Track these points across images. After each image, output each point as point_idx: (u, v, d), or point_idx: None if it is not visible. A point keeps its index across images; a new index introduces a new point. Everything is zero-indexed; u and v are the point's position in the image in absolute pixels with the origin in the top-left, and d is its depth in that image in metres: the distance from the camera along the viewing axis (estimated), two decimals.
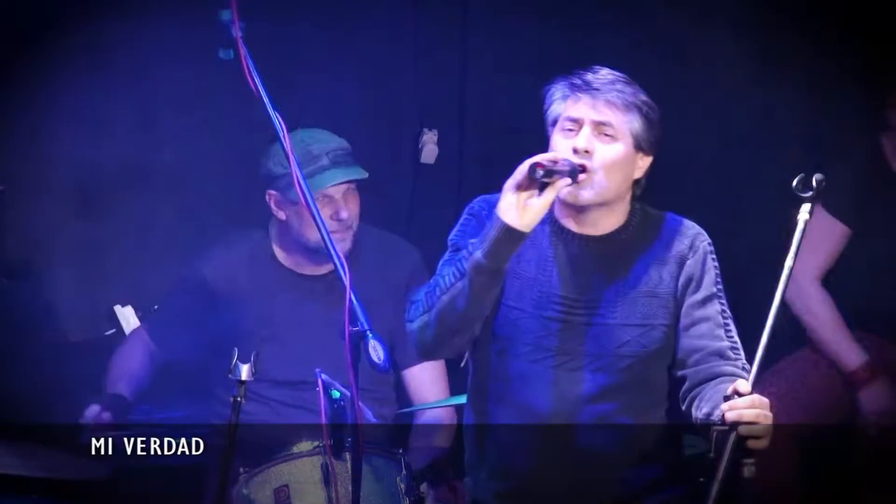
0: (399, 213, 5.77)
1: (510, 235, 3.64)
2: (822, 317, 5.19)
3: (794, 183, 3.68)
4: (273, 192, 4.87)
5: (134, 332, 5.14)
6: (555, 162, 3.68)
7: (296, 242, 4.87)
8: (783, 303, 3.57)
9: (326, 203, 4.80)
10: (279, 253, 4.93)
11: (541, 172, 3.62)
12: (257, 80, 3.59)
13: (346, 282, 3.56)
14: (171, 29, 5.31)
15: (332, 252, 3.65)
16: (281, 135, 3.64)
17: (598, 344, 3.82)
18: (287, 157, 3.67)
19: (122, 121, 5.45)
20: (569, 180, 3.69)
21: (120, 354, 5.01)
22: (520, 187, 3.64)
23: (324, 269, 4.90)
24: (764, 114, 5.73)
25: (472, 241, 3.72)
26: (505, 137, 5.66)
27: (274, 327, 4.85)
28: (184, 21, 5.15)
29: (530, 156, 3.68)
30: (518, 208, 3.64)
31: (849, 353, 5.19)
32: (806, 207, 3.66)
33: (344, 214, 4.80)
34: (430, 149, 5.77)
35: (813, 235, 3.69)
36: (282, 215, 4.88)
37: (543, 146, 3.80)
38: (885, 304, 5.22)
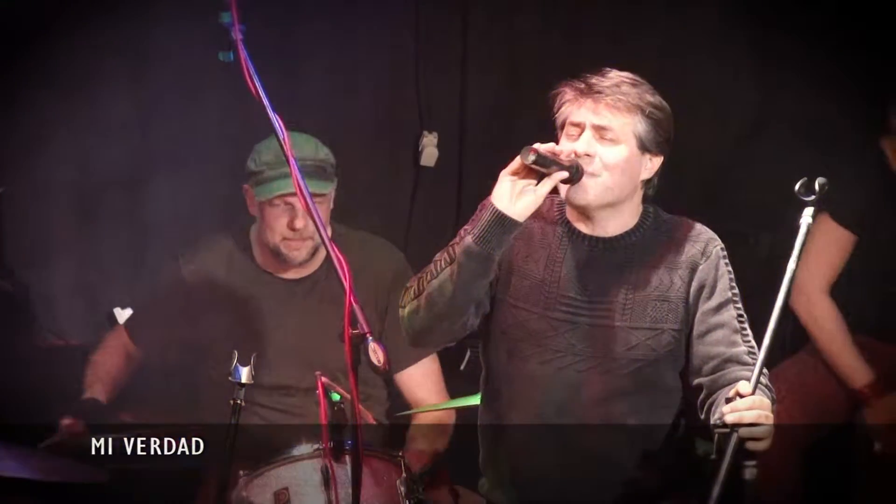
0: (399, 215, 5.77)
1: (502, 222, 3.63)
2: (829, 331, 5.16)
3: (797, 186, 3.66)
4: (247, 186, 4.88)
5: (113, 332, 5.13)
6: (555, 154, 3.67)
7: (265, 245, 4.88)
8: (785, 307, 3.56)
9: (286, 210, 4.79)
10: (258, 255, 4.93)
11: (532, 157, 3.60)
12: (257, 83, 3.58)
13: (346, 285, 3.55)
14: (170, 31, 5.31)
15: (333, 254, 3.64)
16: (281, 137, 3.63)
17: (606, 346, 3.82)
18: (287, 160, 3.65)
19: (122, 124, 5.45)
20: (566, 174, 3.68)
21: (98, 355, 5.00)
22: (516, 174, 3.64)
23: (304, 273, 4.90)
24: (766, 118, 5.73)
25: (466, 226, 3.72)
26: (505, 140, 5.66)
27: (255, 330, 4.85)
28: (183, 23, 5.15)
29: None
30: (512, 196, 3.64)
31: (855, 370, 5.16)
32: (809, 211, 3.64)
33: (299, 224, 4.77)
34: (430, 151, 5.77)
35: (820, 245, 3.68)
36: (253, 211, 4.90)
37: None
38: (889, 310, 5.22)
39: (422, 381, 4.95)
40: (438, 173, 5.79)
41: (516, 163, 3.63)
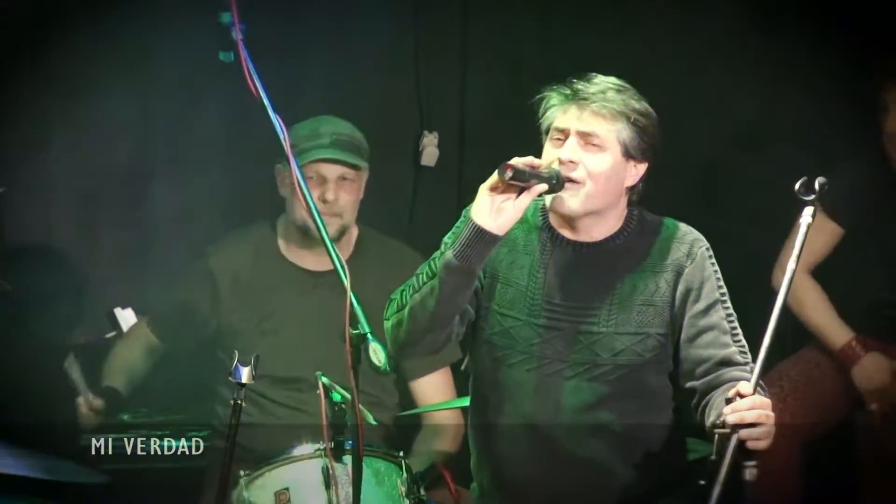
0: (400, 215, 5.77)
1: (482, 237, 3.62)
2: (807, 300, 5.20)
3: (797, 186, 3.65)
4: (279, 166, 4.92)
5: (135, 325, 5.14)
6: (533, 167, 3.66)
7: (292, 224, 4.88)
8: (785, 307, 3.56)
9: (318, 183, 4.82)
10: (284, 246, 4.95)
11: (509, 174, 3.58)
12: (257, 83, 3.58)
13: (346, 284, 3.55)
14: (172, 30, 5.31)
15: (329, 246, 3.64)
16: (281, 136, 3.63)
17: (592, 352, 3.81)
18: (287, 159, 3.66)
19: (123, 123, 5.45)
20: (545, 186, 3.66)
21: (120, 348, 5.03)
22: (494, 189, 3.63)
23: (327, 265, 4.90)
24: (765, 115, 5.73)
25: (446, 240, 3.71)
26: (505, 140, 5.65)
27: (275, 322, 4.86)
28: (184, 23, 5.15)
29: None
30: (491, 210, 3.62)
31: (835, 330, 5.19)
32: (808, 211, 3.64)
33: (330, 196, 4.81)
34: (430, 151, 5.77)
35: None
36: (283, 191, 4.92)
37: (543, 149, 3.79)
38: (874, 305, 5.23)
39: (437, 388, 4.96)
40: (438, 173, 5.79)
41: (494, 178, 3.62)
